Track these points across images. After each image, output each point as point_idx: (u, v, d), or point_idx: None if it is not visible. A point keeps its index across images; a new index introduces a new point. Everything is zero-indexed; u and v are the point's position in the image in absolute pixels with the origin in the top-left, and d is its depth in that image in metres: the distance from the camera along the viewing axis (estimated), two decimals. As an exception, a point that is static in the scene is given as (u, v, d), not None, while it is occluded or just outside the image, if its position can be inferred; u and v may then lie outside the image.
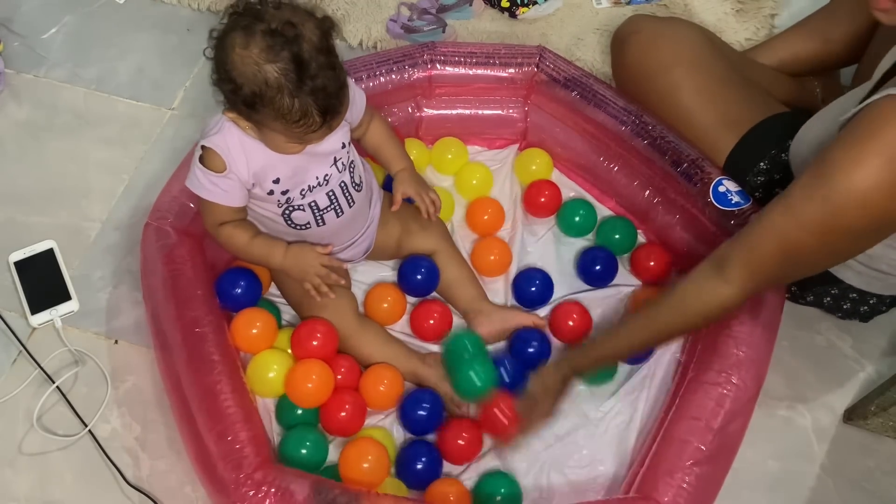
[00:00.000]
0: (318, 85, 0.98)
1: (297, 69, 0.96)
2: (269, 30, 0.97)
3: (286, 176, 1.12)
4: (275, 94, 0.97)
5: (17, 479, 1.20)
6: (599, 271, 1.37)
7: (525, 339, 1.28)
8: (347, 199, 1.20)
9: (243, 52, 0.97)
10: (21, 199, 1.46)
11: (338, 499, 1.02)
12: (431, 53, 1.41)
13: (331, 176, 1.16)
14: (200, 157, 1.10)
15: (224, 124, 1.08)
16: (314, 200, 1.17)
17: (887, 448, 1.27)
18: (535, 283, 1.35)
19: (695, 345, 1.24)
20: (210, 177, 1.10)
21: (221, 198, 1.12)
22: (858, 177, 0.91)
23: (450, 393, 1.22)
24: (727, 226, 1.26)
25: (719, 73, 1.36)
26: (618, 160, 1.41)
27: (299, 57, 0.96)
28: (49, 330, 1.32)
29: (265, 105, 0.99)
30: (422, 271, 1.32)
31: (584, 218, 1.42)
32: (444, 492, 1.15)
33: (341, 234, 1.25)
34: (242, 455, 1.04)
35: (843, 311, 1.32)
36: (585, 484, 1.21)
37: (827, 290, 1.29)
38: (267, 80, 0.97)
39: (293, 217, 1.18)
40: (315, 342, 1.21)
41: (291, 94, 0.97)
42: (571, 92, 1.40)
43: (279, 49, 0.96)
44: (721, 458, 1.10)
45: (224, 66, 1.00)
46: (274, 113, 0.99)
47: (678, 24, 1.45)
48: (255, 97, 0.99)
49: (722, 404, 1.11)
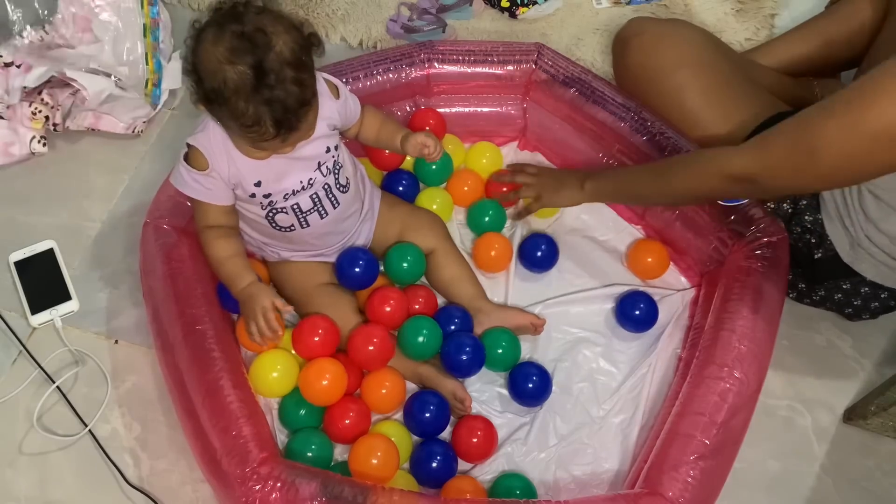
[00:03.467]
0: (276, 96, 0.98)
1: (256, 76, 0.97)
2: (240, 32, 0.98)
3: (268, 179, 1.13)
4: (230, 96, 0.99)
5: (17, 479, 1.20)
6: (639, 316, 1.32)
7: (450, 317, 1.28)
8: (332, 200, 1.20)
9: (211, 48, 0.99)
10: (21, 199, 1.46)
11: (345, 493, 1.01)
12: (429, 52, 1.42)
13: (314, 180, 1.17)
14: (185, 155, 1.11)
15: (209, 123, 1.09)
16: (297, 203, 1.17)
17: (887, 448, 1.27)
18: (541, 247, 1.37)
19: (696, 340, 1.24)
20: (193, 174, 1.11)
21: (205, 195, 1.13)
22: (888, 85, 0.93)
23: (451, 391, 1.22)
24: (727, 222, 1.26)
25: (723, 73, 1.36)
26: (617, 157, 1.41)
27: (261, 65, 0.97)
28: (49, 330, 1.32)
29: (222, 104, 1.00)
30: (360, 264, 1.27)
31: (492, 217, 1.42)
32: (460, 488, 1.15)
33: (329, 235, 1.26)
34: (247, 450, 1.04)
35: (853, 308, 1.31)
36: (590, 480, 1.21)
37: (839, 285, 1.28)
38: (226, 79, 0.98)
39: (277, 220, 1.18)
40: (317, 338, 1.21)
41: (247, 98, 0.98)
42: (570, 89, 1.40)
43: (243, 53, 0.97)
44: (725, 452, 1.10)
45: (193, 57, 1.01)
46: (229, 113, 1.01)
47: (681, 25, 1.46)
48: (214, 94, 1.00)
49: (725, 399, 1.11)
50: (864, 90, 0.97)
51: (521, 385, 1.25)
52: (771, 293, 1.20)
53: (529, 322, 1.30)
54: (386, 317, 1.26)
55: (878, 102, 0.94)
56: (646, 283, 1.39)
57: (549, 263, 1.39)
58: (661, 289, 1.38)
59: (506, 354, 1.26)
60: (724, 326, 1.18)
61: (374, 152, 1.43)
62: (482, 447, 1.20)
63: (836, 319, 1.37)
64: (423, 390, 1.25)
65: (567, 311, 1.36)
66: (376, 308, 1.26)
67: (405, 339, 1.24)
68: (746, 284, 1.21)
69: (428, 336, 1.23)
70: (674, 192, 1.21)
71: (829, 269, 1.26)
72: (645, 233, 1.44)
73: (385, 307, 1.26)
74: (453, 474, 1.18)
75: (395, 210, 1.34)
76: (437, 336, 1.24)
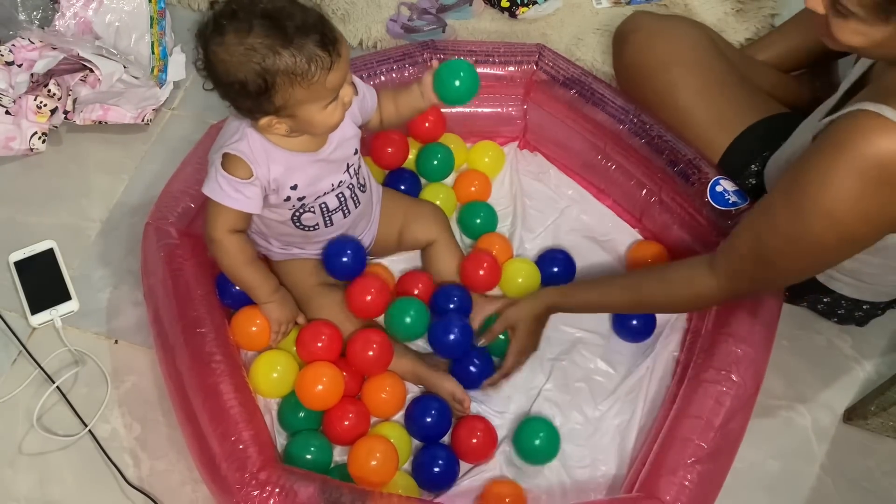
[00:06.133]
0: (299, 23, 0.97)
1: (272, 24, 0.96)
2: (229, 13, 0.97)
3: (304, 183, 1.13)
4: (273, 59, 0.97)
5: (17, 479, 1.20)
6: (637, 326, 1.32)
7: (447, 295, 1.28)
8: (354, 200, 1.22)
9: (225, 48, 0.98)
10: (21, 198, 1.46)
11: (344, 498, 1.01)
12: (431, 52, 1.42)
13: (343, 181, 1.18)
14: (223, 164, 1.08)
15: (246, 131, 1.08)
16: (325, 202, 1.18)
17: (887, 448, 1.27)
18: (558, 262, 1.36)
19: (693, 343, 1.24)
20: (235, 184, 1.08)
21: (244, 204, 1.10)
22: (827, 191, 0.93)
23: (450, 392, 1.22)
24: (724, 225, 1.26)
25: (718, 72, 1.36)
26: (616, 159, 1.40)
27: (266, 13, 0.96)
28: (49, 330, 1.32)
29: (274, 76, 0.98)
30: (347, 254, 1.25)
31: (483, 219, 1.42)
32: (500, 493, 1.16)
33: (345, 233, 1.26)
34: (246, 455, 1.04)
35: (838, 317, 1.32)
36: (587, 483, 1.21)
37: (819, 298, 1.29)
38: (256, 50, 0.96)
39: (303, 219, 1.19)
40: (320, 344, 1.21)
41: (282, 45, 0.96)
42: (570, 90, 1.40)
43: (246, 21, 0.96)
44: (722, 455, 1.10)
45: (220, 73, 1.00)
46: (286, 78, 0.98)
47: (679, 22, 1.45)
48: (261, 77, 0.98)
49: (722, 402, 1.11)
50: (795, 185, 0.97)
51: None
52: (768, 297, 1.20)
53: None
54: (367, 306, 1.24)
55: (808, 202, 0.95)
56: (646, 241, 1.39)
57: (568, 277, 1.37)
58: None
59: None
60: (722, 329, 1.18)
61: (377, 151, 1.43)
62: (482, 447, 1.20)
63: (836, 319, 1.38)
64: (424, 395, 1.25)
65: (566, 311, 1.36)
66: (356, 298, 1.24)
67: (392, 320, 1.24)
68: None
69: (415, 317, 1.23)
70: (647, 307, 1.25)
71: (807, 285, 1.26)
72: (643, 235, 1.44)
73: (366, 297, 1.24)
74: (455, 478, 1.18)
75: (398, 202, 1.35)
76: (425, 317, 1.24)
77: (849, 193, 0.91)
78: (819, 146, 0.96)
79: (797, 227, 0.97)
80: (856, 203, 0.92)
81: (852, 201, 0.92)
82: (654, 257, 1.38)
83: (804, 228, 0.96)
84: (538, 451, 1.21)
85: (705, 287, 1.09)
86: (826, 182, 0.93)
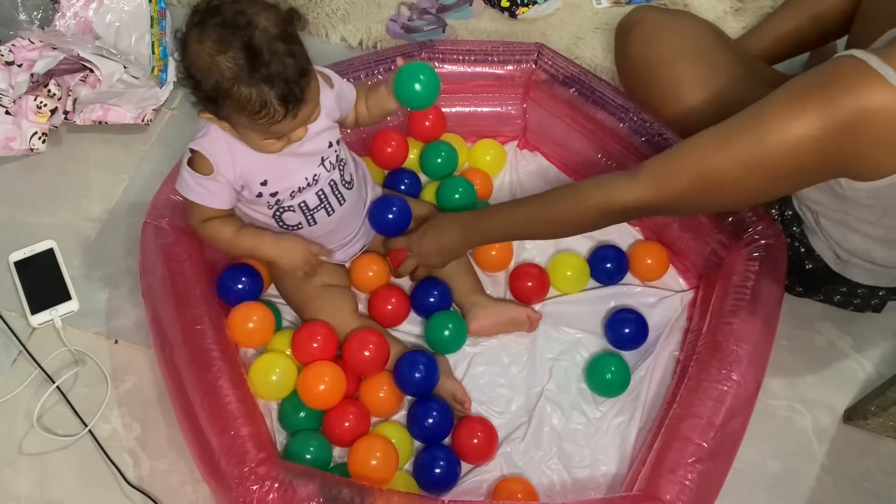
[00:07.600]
0: (274, 71, 0.96)
1: (249, 57, 0.96)
2: (221, 21, 0.96)
3: (273, 178, 1.13)
4: (231, 86, 0.97)
5: (17, 479, 1.20)
6: (629, 334, 1.31)
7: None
8: (338, 197, 1.21)
9: (199, 46, 0.97)
10: (21, 198, 1.46)
11: (344, 494, 1.01)
12: (429, 52, 1.42)
13: (319, 175, 1.17)
14: (189, 160, 1.11)
15: (210, 127, 1.09)
16: (304, 201, 1.17)
17: (887, 448, 1.27)
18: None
19: (693, 343, 1.24)
20: (198, 179, 1.11)
21: (209, 200, 1.13)
22: (796, 125, 0.95)
23: (450, 392, 1.22)
24: (724, 223, 1.26)
25: (722, 67, 1.34)
26: (615, 157, 1.40)
27: (250, 44, 0.96)
28: (49, 330, 1.32)
29: (225, 98, 0.98)
30: (393, 210, 1.29)
31: None
32: (511, 489, 1.16)
33: (335, 233, 1.26)
34: (245, 450, 1.04)
35: (854, 306, 1.32)
36: (588, 483, 1.21)
37: (836, 289, 1.28)
38: (221, 71, 0.96)
39: (284, 218, 1.18)
40: (315, 344, 1.21)
41: (246, 83, 0.96)
42: (569, 89, 1.40)
43: (229, 39, 0.96)
44: (723, 455, 1.10)
45: (185, 63, 1.00)
46: (235, 105, 0.99)
47: (683, 16, 1.44)
48: (214, 91, 0.98)
49: (722, 401, 1.11)
50: (761, 114, 0.99)
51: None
52: (768, 295, 1.20)
53: (525, 316, 1.30)
54: (388, 315, 1.30)
55: (775, 127, 0.96)
56: (645, 285, 1.39)
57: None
58: (660, 290, 1.38)
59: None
60: (722, 329, 1.18)
61: (376, 151, 1.43)
62: (482, 448, 1.20)
63: (836, 319, 1.37)
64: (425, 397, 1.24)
65: (566, 311, 1.36)
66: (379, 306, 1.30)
67: (431, 335, 1.29)
68: (744, 286, 1.20)
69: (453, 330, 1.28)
70: (554, 221, 1.17)
71: (822, 277, 1.26)
72: (643, 234, 1.44)
73: (387, 306, 1.29)
74: (457, 480, 1.18)
75: None
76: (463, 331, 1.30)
77: (815, 131, 0.94)
78: (798, 82, 0.97)
79: (756, 154, 0.98)
80: (817, 141, 0.94)
81: (815, 140, 0.94)
82: (654, 257, 1.38)
83: (764, 156, 0.98)
84: (610, 384, 1.27)
85: (621, 194, 1.08)
86: (798, 116, 0.95)
